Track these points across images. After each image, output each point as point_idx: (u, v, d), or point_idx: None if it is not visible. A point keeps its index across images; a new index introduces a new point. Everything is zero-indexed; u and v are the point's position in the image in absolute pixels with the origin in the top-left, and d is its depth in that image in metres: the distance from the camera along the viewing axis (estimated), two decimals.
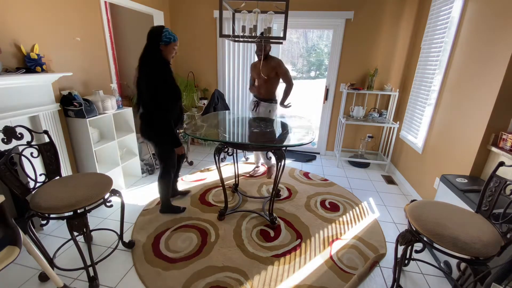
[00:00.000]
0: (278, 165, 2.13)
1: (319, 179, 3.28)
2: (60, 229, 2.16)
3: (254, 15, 2.13)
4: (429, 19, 2.91)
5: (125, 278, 1.73)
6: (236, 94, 4.07)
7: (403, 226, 2.40)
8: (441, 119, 2.58)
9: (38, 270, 1.74)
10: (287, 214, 2.49)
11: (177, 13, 3.87)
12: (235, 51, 3.83)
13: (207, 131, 2.21)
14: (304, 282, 1.74)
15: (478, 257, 1.24)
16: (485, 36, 2.07)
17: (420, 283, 1.79)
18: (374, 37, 3.45)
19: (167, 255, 1.93)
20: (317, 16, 3.49)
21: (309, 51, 14.66)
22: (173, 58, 2.05)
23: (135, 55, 4.35)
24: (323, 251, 2.04)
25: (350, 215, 2.53)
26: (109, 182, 1.69)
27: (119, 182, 2.78)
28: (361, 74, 3.63)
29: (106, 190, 1.62)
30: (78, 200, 1.48)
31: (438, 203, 1.54)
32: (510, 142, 1.82)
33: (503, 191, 1.39)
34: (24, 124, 1.92)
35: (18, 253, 1.19)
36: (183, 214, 2.42)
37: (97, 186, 1.62)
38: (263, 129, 2.33)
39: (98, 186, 1.62)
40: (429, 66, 2.86)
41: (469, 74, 2.22)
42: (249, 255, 1.96)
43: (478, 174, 2.08)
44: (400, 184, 3.26)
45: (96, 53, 2.67)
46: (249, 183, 3.10)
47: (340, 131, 3.82)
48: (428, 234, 1.32)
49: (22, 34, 1.95)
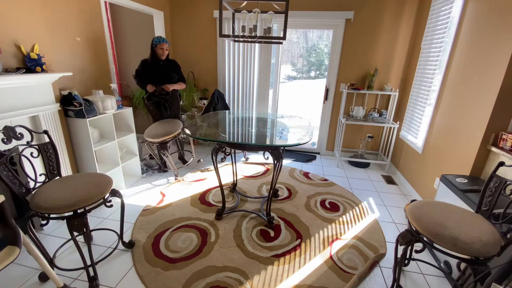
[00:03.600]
0: (276, 165, 2.13)
1: (319, 179, 3.28)
2: (60, 229, 2.16)
3: (254, 15, 2.13)
4: (429, 19, 2.91)
5: (125, 278, 1.73)
6: (236, 94, 4.07)
7: (403, 226, 2.40)
8: (441, 119, 2.58)
9: (38, 270, 1.74)
10: (287, 214, 2.49)
11: (177, 13, 3.87)
12: (235, 51, 3.83)
13: (206, 131, 2.21)
14: (304, 282, 1.74)
15: (478, 257, 1.24)
16: (485, 36, 2.07)
17: (420, 283, 1.79)
18: (374, 37, 3.45)
19: (167, 255, 1.93)
20: (317, 16, 3.49)
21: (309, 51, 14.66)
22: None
23: (135, 55, 4.38)
24: (323, 251, 2.04)
25: (350, 215, 2.53)
26: (109, 182, 1.69)
27: (119, 182, 2.78)
28: (361, 74, 3.63)
29: (106, 190, 1.62)
30: (78, 200, 1.48)
31: (438, 203, 1.54)
32: (510, 142, 1.82)
33: (503, 191, 1.39)
34: (24, 124, 1.92)
35: (18, 253, 1.19)
36: (183, 214, 2.43)
37: (97, 186, 1.62)
38: (261, 129, 2.33)
39: (98, 186, 1.62)
40: (429, 66, 2.86)
41: (469, 74, 2.22)
42: (249, 255, 1.96)
43: (478, 174, 2.08)
44: (400, 184, 3.26)
45: (96, 53, 2.67)
46: (249, 183, 3.10)
47: (340, 131, 3.82)
48: (428, 234, 1.32)
49: (22, 34, 1.95)
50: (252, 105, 4.12)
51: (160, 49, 2.86)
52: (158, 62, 2.94)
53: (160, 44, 2.84)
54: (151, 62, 2.93)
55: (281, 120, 2.71)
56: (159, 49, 2.86)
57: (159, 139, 2.74)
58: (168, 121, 3.11)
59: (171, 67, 3.05)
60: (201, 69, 4.09)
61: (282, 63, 4.10)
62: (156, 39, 2.85)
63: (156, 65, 2.94)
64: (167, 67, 3.01)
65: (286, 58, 14.55)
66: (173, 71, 3.06)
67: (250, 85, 3.99)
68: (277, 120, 2.72)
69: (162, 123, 3.04)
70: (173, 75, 3.05)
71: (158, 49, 2.86)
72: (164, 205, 2.57)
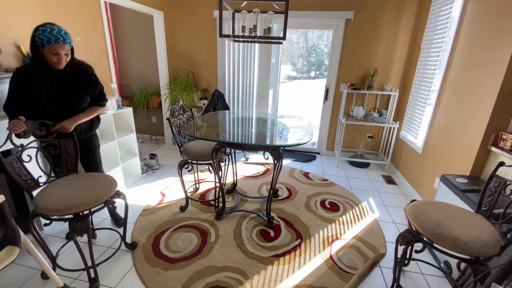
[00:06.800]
0: (276, 165, 2.13)
1: (319, 179, 3.28)
2: (62, 228, 2.16)
3: (254, 15, 2.13)
4: (429, 19, 2.91)
5: (125, 278, 1.73)
6: (236, 94, 4.07)
7: (403, 226, 2.40)
8: (441, 119, 2.58)
9: (38, 270, 1.74)
10: (287, 214, 2.49)
11: (177, 13, 3.87)
12: (235, 51, 3.83)
13: (206, 131, 2.21)
14: (304, 282, 1.74)
15: (478, 257, 1.24)
16: (485, 36, 2.07)
17: (420, 283, 1.79)
18: (374, 37, 3.45)
19: (167, 255, 1.93)
20: (317, 16, 3.49)
21: (309, 51, 14.67)
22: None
23: (135, 55, 4.34)
24: (323, 251, 2.04)
25: (350, 215, 2.53)
26: (114, 184, 1.65)
27: (119, 182, 2.78)
28: (361, 74, 3.63)
29: (110, 192, 1.58)
30: (82, 202, 1.44)
31: (438, 203, 1.54)
32: (510, 142, 1.82)
33: (503, 191, 1.39)
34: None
35: (18, 253, 1.19)
36: (183, 214, 2.43)
37: (101, 187, 1.58)
38: (261, 129, 2.33)
39: (102, 188, 1.57)
40: (429, 66, 2.86)
41: (469, 74, 2.22)
42: (249, 255, 1.96)
43: (478, 174, 2.08)
44: (400, 184, 3.26)
45: (96, 53, 2.67)
46: (249, 183, 3.10)
47: (340, 131, 3.82)
48: (428, 234, 1.32)
49: (22, 34, 1.95)
50: (252, 105, 4.12)
51: (52, 55, 1.55)
52: (49, 73, 1.63)
53: (52, 47, 1.52)
54: (38, 71, 1.60)
55: (281, 120, 2.70)
56: (49, 54, 1.54)
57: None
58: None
59: (75, 81, 1.73)
60: (201, 69, 4.09)
61: (282, 63, 4.10)
62: (42, 33, 1.49)
63: (48, 77, 1.63)
64: (68, 80, 1.70)
65: (286, 58, 14.56)
66: (81, 88, 1.77)
67: (250, 85, 3.99)
68: (277, 120, 2.72)
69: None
70: (79, 96, 1.76)
71: (48, 54, 1.54)
72: (164, 205, 2.57)
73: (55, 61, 1.57)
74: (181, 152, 2.38)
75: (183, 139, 2.58)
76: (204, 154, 2.30)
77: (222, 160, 2.45)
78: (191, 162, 2.36)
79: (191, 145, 2.46)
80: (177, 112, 2.61)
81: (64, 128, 1.69)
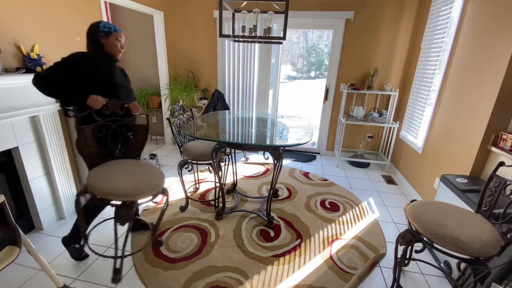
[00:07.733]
0: (276, 165, 2.13)
1: (319, 179, 3.28)
2: (63, 228, 2.16)
3: (254, 15, 2.13)
4: (429, 19, 2.91)
5: (125, 278, 1.73)
6: (236, 94, 4.07)
7: (403, 226, 2.40)
8: (441, 119, 2.58)
9: (38, 270, 1.74)
10: (287, 214, 2.49)
11: (177, 13, 3.87)
12: (235, 51, 3.83)
13: (206, 131, 2.21)
14: (304, 282, 1.74)
15: (478, 257, 1.24)
16: (485, 36, 2.07)
17: (420, 283, 1.79)
18: (374, 37, 3.45)
19: (167, 255, 1.93)
20: (317, 16, 3.49)
21: (309, 51, 14.67)
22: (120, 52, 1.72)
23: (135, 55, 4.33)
24: (323, 251, 2.04)
25: (350, 215, 2.53)
26: (163, 178, 1.59)
27: None
28: (361, 74, 3.63)
29: (160, 186, 1.53)
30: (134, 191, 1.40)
31: (438, 203, 1.54)
32: (510, 142, 1.82)
33: (503, 191, 1.39)
34: (24, 124, 1.93)
35: (18, 253, 1.19)
36: (184, 214, 2.43)
37: (152, 180, 1.51)
38: (261, 129, 2.33)
39: (153, 180, 1.51)
40: (429, 66, 2.86)
41: (469, 74, 2.22)
42: (249, 255, 1.96)
43: (478, 174, 2.08)
44: (400, 184, 3.26)
45: None
46: (249, 183, 3.10)
47: (340, 131, 3.82)
48: (428, 234, 1.32)
49: (22, 34, 1.95)
50: (252, 105, 4.12)
51: (116, 41, 1.66)
52: (111, 63, 1.71)
53: (116, 34, 1.65)
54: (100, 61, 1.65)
55: (281, 120, 2.71)
56: (114, 41, 1.65)
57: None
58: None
59: (125, 76, 1.87)
60: (201, 69, 4.09)
61: (282, 63, 4.10)
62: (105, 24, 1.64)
63: (109, 68, 1.68)
64: (122, 74, 1.83)
65: (286, 58, 14.56)
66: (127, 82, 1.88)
67: (250, 85, 3.99)
68: (277, 120, 2.72)
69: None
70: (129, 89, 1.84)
71: (113, 41, 1.64)
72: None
73: (119, 48, 1.68)
74: (181, 152, 2.38)
75: (183, 139, 2.57)
76: (204, 154, 2.30)
77: (222, 160, 2.45)
78: (191, 162, 2.36)
79: (191, 145, 2.45)
80: (177, 112, 2.61)
81: (137, 108, 1.75)
